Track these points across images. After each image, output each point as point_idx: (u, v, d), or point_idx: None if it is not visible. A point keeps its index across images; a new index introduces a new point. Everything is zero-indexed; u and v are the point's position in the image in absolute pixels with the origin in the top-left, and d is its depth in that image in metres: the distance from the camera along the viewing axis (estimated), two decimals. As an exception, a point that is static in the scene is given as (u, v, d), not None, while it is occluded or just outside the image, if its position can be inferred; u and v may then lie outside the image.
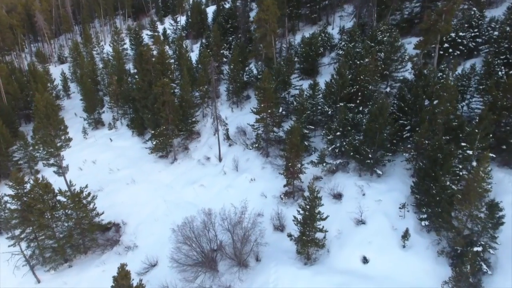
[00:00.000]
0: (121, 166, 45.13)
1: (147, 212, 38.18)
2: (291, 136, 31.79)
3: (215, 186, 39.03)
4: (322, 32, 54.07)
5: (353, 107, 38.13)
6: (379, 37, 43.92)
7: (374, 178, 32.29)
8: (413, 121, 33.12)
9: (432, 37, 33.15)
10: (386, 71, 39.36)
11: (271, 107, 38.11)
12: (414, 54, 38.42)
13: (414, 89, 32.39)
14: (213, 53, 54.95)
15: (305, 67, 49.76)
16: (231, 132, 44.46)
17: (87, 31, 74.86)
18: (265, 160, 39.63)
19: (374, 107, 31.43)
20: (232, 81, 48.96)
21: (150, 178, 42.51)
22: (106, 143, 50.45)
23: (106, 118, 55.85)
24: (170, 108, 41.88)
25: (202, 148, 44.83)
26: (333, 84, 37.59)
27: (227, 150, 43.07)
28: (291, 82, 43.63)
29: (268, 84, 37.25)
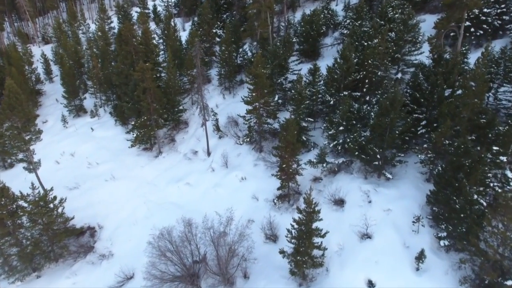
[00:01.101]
0: (101, 160, 40.37)
1: (126, 213, 33.69)
2: (285, 133, 26.69)
3: (202, 185, 34.31)
4: (324, 9, 47.86)
5: (359, 96, 32.76)
6: (390, 14, 37.90)
7: (382, 182, 27.37)
8: (430, 115, 27.84)
9: (457, 13, 27.29)
10: (397, 54, 33.67)
11: (265, 96, 32.81)
12: (430, 34, 32.59)
13: (432, 76, 26.88)
14: (203, 33, 49.07)
15: (305, 48, 43.98)
16: (221, 122, 39.32)
17: (72, 8, 68.54)
18: (258, 155, 34.67)
19: (385, 99, 26.13)
20: (224, 64, 43.40)
21: (132, 174, 37.82)
22: (87, 133, 45.51)
23: (89, 105, 50.67)
24: (152, 96, 36.68)
25: (189, 140, 39.85)
26: (336, 70, 32.08)
27: (216, 143, 38.09)
28: (288, 66, 38.06)
29: (261, 69, 31.81)
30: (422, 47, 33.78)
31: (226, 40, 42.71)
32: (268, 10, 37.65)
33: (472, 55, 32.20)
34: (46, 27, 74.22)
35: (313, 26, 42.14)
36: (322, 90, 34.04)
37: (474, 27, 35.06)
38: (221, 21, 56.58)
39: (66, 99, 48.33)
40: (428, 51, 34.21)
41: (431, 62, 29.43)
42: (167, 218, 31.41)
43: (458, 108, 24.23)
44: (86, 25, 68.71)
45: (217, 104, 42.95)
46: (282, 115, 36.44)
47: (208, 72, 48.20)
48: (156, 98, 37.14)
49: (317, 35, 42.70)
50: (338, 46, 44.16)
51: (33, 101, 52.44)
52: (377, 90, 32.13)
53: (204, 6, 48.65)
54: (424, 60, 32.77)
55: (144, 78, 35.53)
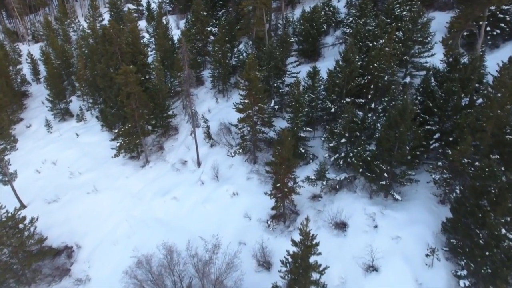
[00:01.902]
0: (85, 169, 36.99)
1: (107, 230, 30.38)
2: (280, 147, 23.20)
3: (190, 199, 30.92)
4: (325, 5, 44.09)
5: (363, 103, 29.22)
6: (397, 11, 34.24)
7: (390, 203, 23.90)
8: (444, 126, 24.29)
9: (477, 11, 23.62)
10: (405, 56, 30.03)
11: (259, 103, 29.29)
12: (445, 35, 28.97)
13: (447, 83, 23.27)
14: (197, 31, 45.43)
15: (305, 48, 40.34)
16: (213, 129, 35.82)
17: (62, 4, 64.89)
18: (251, 168, 31.22)
19: (393, 110, 22.60)
20: (217, 65, 39.83)
21: (116, 185, 34.44)
22: (72, 138, 42.11)
23: (76, 108, 47.20)
24: (137, 101, 33.18)
25: (179, 148, 36.40)
26: (337, 73, 28.52)
27: (207, 152, 34.64)
28: (286, 68, 34.47)
29: (255, 73, 28.26)
30: (433, 48, 30.16)
31: (219, 39, 39.10)
32: (263, 7, 33.99)
33: (488, 56, 28.61)
34: (36, 24, 70.65)
35: (313, 24, 38.49)
36: (322, 96, 30.52)
37: (490, 26, 31.33)
38: (216, 18, 52.92)
39: (50, 102, 44.90)
40: (440, 52, 30.71)
41: (445, 67, 25.78)
42: (150, 237, 28.34)
43: (479, 121, 20.68)
44: (77, 23, 65.12)
45: (210, 108, 39.46)
46: (278, 122, 32.98)
47: (201, 73, 44.67)
48: (142, 103, 33.65)
49: (317, 34, 39.04)
50: (340, 46, 40.48)
51: (18, 103, 49.12)
52: (383, 96, 28.57)
53: (197, 3, 44.93)
54: (436, 63, 29.18)
55: (128, 82, 32.04)
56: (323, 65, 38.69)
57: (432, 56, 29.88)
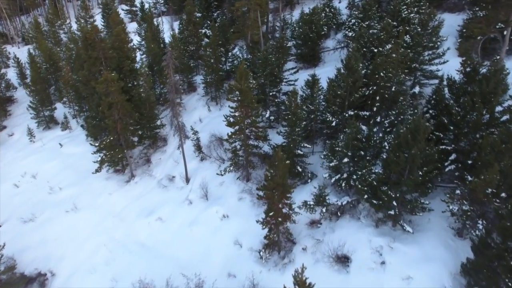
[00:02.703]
0: (65, 183, 33.86)
1: (84, 255, 27.22)
2: (273, 171, 19.97)
3: (176, 221, 27.72)
4: (326, 7, 40.84)
5: (368, 116, 25.97)
6: (404, 13, 30.93)
7: (399, 233, 20.65)
8: (461, 145, 21.03)
9: (503, 14, 20.30)
10: (415, 63, 26.76)
11: (252, 115, 26.08)
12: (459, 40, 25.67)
13: (466, 97, 19.95)
14: (189, 34, 42.20)
15: (304, 52, 37.08)
16: (204, 140, 32.60)
17: (52, 4, 61.72)
18: (243, 186, 28.02)
19: (404, 127, 19.37)
20: (210, 71, 36.61)
21: (98, 203, 31.29)
22: (55, 149, 38.97)
23: (61, 115, 44.05)
24: (120, 112, 30.00)
25: (167, 162, 33.21)
26: (339, 83, 25.28)
27: (197, 167, 31.45)
28: (282, 76, 31.21)
29: (247, 83, 25.03)
30: (445, 54, 26.87)
31: (212, 42, 35.87)
32: (258, 8, 30.71)
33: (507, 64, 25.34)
34: (26, 26, 67.51)
35: (312, 27, 35.20)
36: (322, 107, 27.29)
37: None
38: (211, 19, 49.66)
39: (33, 110, 41.76)
40: (452, 59, 27.47)
41: (461, 77, 22.47)
42: (131, 265, 25.34)
43: (505, 144, 17.43)
44: (67, 25, 61.95)
45: (201, 118, 36.25)
46: (274, 135, 29.73)
47: (193, 78, 41.46)
48: (126, 114, 30.46)
49: (317, 38, 35.74)
50: (341, 50, 37.22)
51: (1, 110, 46.02)
52: (390, 109, 25.33)
53: (189, 3, 41.68)
54: (449, 71, 25.90)
55: (109, 91, 28.86)
56: (324, 71, 35.56)
57: (444, 64, 26.62)
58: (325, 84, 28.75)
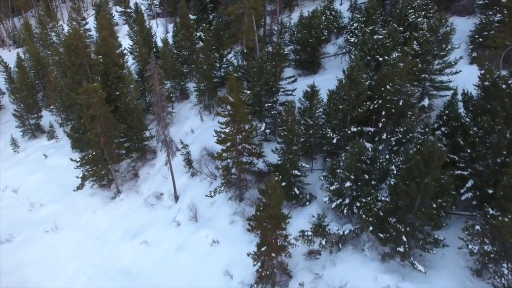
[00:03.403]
0: (47, 199, 31.36)
1: (62, 282, 24.70)
2: (265, 200, 17.34)
3: (162, 245, 25.15)
4: (326, 9, 38.12)
5: (373, 132, 23.31)
6: (411, 17, 28.21)
7: (408, 270, 18.01)
8: (478, 169, 18.36)
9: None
10: (424, 74, 24.08)
11: (244, 131, 23.46)
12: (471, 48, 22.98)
13: (489, 116, 17.25)
14: (182, 37, 39.57)
15: (303, 58, 34.39)
16: (195, 153, 29.94)
17: (44, 6, 59.03)
18: (236, 207, 25.41)
19: (414, 149, 16.74)
20: (202, 78, 34.00)
21: (80, 222, 28.76)
22: (39, 160, 36.41)
23: (48, 124, 41.44)
24: (103, 125, 27.41)
25: (155, 177, 30.60)
26: (341, 96, 22.63)
27: (187, 183, 28.85)
28: (279, 86, 28.58)
29: (239, 96, 22.38)
30: (457, 64, 24.18)
31: (205, 48, 33.23)
32: (253, 12, 28.01)
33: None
34: (18, 28, 64.86)
35: (312, 31, 32.48)
36: (322, 120, 24.64)
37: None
38: (207, 22, 46.99)
39: (18, 118, 39.22)
40: (465, 68, 24.86)
41: (479, 92, 19.78)
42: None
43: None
44: (59, 27, 59.25)
45: (193, 128, 33.62)
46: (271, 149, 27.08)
47: (186, 85, 38.84)
48: (110, 126, 27.86)
49: (317, 43, 33.02)
50: (343, 56, 34.52)
51: (-13, 117, 43.56)
52: (397, 124, 22.71)
53: (182, 6, 38.99)
54: (462, 82, 23.27)
55: (91, 103, 26.27)
56: (324, 78, 32.97)
57: (457, 74, 23.95)
58: (325, 95, 26.15)
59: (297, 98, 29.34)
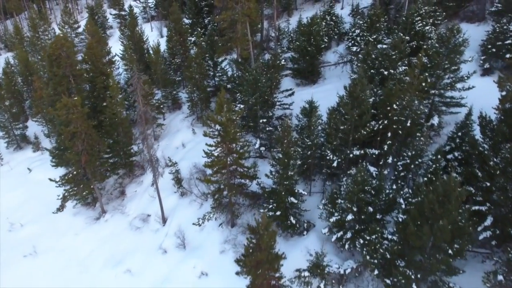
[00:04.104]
0: (28, 218, 29.14)
1: (38, 316, 22.59)
2: (255, 241, 15.01)
3: (147, 275, 22.82)
4: (326, 14, 35.69)
5: (377, 155, 20.95)
6: (418, 25, 25.76)
7: (419, 319, 15.71)
8: (499, 203, 15.99)
9: None
10: (434, 89, 21.68)
11: (235, 152, 21.11)
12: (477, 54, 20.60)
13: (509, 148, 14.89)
14: (174, 44, 37.19)
15: (301, 67, 31.98)
16: (185, 171, 27.64)
17: (34, 9, 56.64)
18: (227, 234, 23.07)
19: (428, 190, 14.37)
20: (194, 89, 31.65)
21: (61, 245, 26.48)
22: (23, 174, 34.15)
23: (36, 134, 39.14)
24: (85, 142, 25.09)
25: (142, 196, 28.29)
26: (342, 114, 20.27)
27: (176, 204, 26.53)
28: (275, 100, 26.23)
29: (228, 115, 20.02)
30: (469, 78, 21.78)
31: (197, 57, 30.85)
32: (247, 20, 25.60)
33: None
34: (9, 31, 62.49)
35: (311, 39, 30.04)
36: (322, 139, 22.30)
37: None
38: (202, 26, 44.58)
39: (1, 128, 36.94)
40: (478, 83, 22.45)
41: (499, 115, 17.42)
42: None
43: None
44: (51, 30, 56.86)
45: (184, 142, 31.27)
46: (266, 167, 24.80)
47: (178, 94, 36.44)
48: (93, 143, 25.55)
49: (316, 52, 30.60)
50: (344, 65, 32.10)
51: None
52: (404, 144, 20.36)
53: (174, 11, 36.54)
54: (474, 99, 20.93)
55: (71, 119, 23.95)
56: (324, 89, 30.70)
57: (469, 90, 21.55)
58: (325, 109, 23.89)
59: (295, 110, 27.14)
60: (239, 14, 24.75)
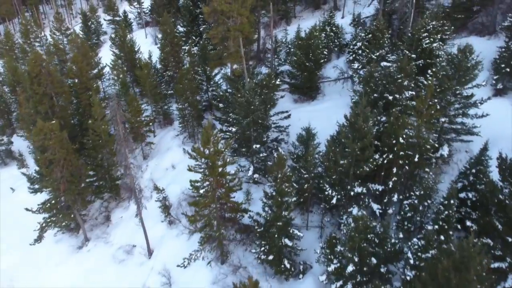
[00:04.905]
0: (7, 245, 27.10)
1: None
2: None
3: (129, 318, 20.91)
4: (326, 25, 33.41)
5: (381, 192, 18.75)
6: (425, 42, 23.43)
7: None
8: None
9: None
10: (444, 117, 19.44)
11: (223, 185, 18.97)
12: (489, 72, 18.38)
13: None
14: (165, 56, 35.02)
15: (300, 83, 29.77)
16: (174, 196, 25.62)
17: (24, 16, 54.35)
18: (217, 272, 20.90)
19: (433, 227, 12.25)
20: (185, 105, 29.46)
21: (39, 279, 24.37)
22: (6, 195, 32.15)
23: (21, 149, 37.10)
24: (64, 169, 22.98)
25: (128, 223, 26.21)
26: (343, 149, 18.08)
27: (163, 234, 24.44)
28: (269, 123, 24.05)
29: (216, 147, 17.86)
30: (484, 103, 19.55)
31: (188, 72, 28.67)
32: (239, 35, 23.35)
33: None
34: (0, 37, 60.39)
35: (309, 53, 27.79)
36: (320, 169, 20.14)
37: None
38: (197, 35, 42.38)
39: (-16, 144, 34.98)
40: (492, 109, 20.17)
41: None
42: None
43: None
44: (43, 37, 54.68)
45: (174, 163, 29.12)
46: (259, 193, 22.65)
47: (170, 108, 34.23)
48: (73, 170, 23.44)
49: (315, 68, 28.37)
50: (345, 82, 29.86)
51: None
52: (411, 178, 18.21)
53: (165, 21, 34.28)
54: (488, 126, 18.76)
55: (47, 145, 21.84)
56: (323, 107, 28.61)
57: (483, 117, 19.32)
58: (323, 129, 21.83)
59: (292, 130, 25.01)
60: (232, 31, 22.48)
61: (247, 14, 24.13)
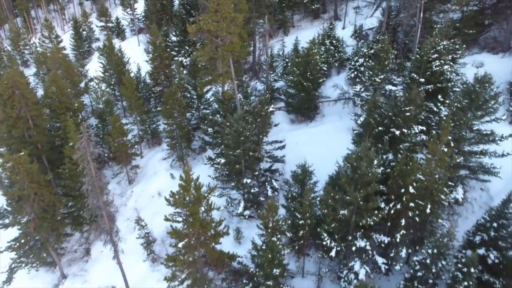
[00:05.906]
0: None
1: None
2: None
3: None
4: (326, 37, 30.72)
5: (387, 244, 16.20)
6: (435, 64, 20.74)
7: None
8: None
9: None
10: (460, 157, 16.86)
11: (208, 239, 16.46)
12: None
13: None
14: (154, 71, 32.46)
15: (297, 103, 27.17)
16: (158, 230, 23.18)
17: (13, 22, 51.55)
18: (202, 326, 18.55)
19: None
20: (174, 127, 26.89)
21: (11, 322, 22.16)
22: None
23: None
24: (35, 205, 20.50)
25: (108, 259, 23.40)
26: (343, 193, 15.55)
27: (145, 275, 21.97)
28: (262, 154, 21.50)
29: (200, 195, 15.35)
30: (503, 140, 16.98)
31: (175, 93, 26.01)
32: (229, 56, 20.72)
33: None
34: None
35: (307, 72, 25.18)
36: (317, 215, 17.64)
37: None
38: (190, 44, 39.70)
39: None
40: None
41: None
42: None
43: None
44: (32, 45, 52.03)
45: (160, 191, 26.61)
46: (251, 230, 20.21)
47: (159, 126, 31.65)
48: (45, 205, 20.94)
49: (313, 87, 25.77)
50: (346, 102, 27.26)
51: None
52: (420, 229, 15.68)
53: (154, 32, 31.66)
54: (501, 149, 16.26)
55: (15, 180, 19.36)
56: (322, 130, 26.15)
57: (504, 157, 16.77)
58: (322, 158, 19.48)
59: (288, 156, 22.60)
60: (220, 51, 19.86)
61: (238, 31, 21.51)
